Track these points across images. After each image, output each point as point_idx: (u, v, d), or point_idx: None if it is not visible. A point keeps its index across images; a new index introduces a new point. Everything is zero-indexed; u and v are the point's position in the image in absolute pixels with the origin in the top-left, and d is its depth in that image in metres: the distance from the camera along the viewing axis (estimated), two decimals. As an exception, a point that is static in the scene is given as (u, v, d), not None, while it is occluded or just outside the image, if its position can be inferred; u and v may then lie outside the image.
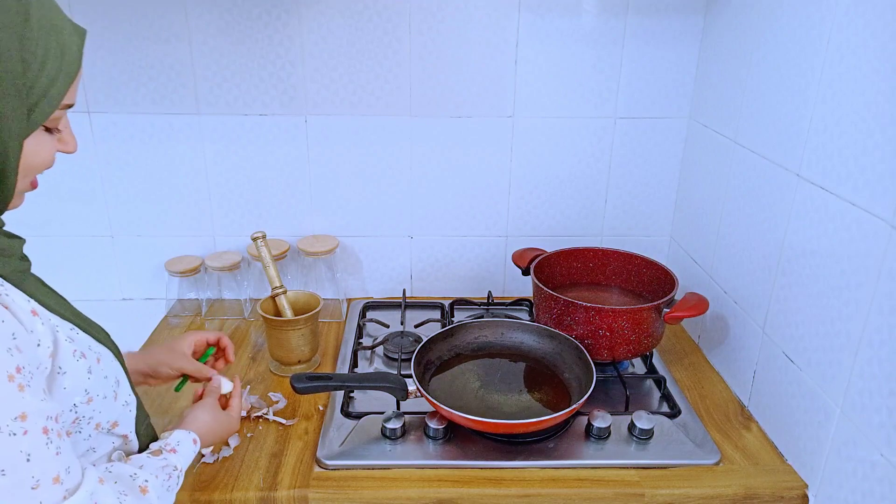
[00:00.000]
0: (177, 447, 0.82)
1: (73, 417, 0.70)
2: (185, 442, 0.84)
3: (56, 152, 0.70)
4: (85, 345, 0.72)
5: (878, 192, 0.85)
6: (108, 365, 0.75)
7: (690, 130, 1.43)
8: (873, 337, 0.86)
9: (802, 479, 1.02)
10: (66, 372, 0.68)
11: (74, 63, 0.66)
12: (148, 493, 0.72)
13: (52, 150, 0.69)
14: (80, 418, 0.71)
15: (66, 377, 0.68)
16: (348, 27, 1.33)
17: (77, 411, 0.70)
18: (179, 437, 0.84)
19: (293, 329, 1.22)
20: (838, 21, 0.93)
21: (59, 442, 0.63)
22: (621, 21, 1.35)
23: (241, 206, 1.47)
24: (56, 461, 0.62)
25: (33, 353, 0.63)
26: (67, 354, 0.68)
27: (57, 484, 0.62)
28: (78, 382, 0.69)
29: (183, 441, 0.84)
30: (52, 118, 0.66)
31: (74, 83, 0.67)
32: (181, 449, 0.82)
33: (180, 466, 0.80)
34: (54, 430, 0.63)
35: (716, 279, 1.31)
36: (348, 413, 1.14)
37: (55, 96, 0.64)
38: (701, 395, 1.23)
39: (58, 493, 0.62)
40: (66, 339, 0.68)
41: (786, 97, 1.06)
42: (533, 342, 1.27)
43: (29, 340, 0.63)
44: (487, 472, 1.02)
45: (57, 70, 0.64)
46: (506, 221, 1.52)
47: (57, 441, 0.63)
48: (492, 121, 1.42)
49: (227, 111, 1.39)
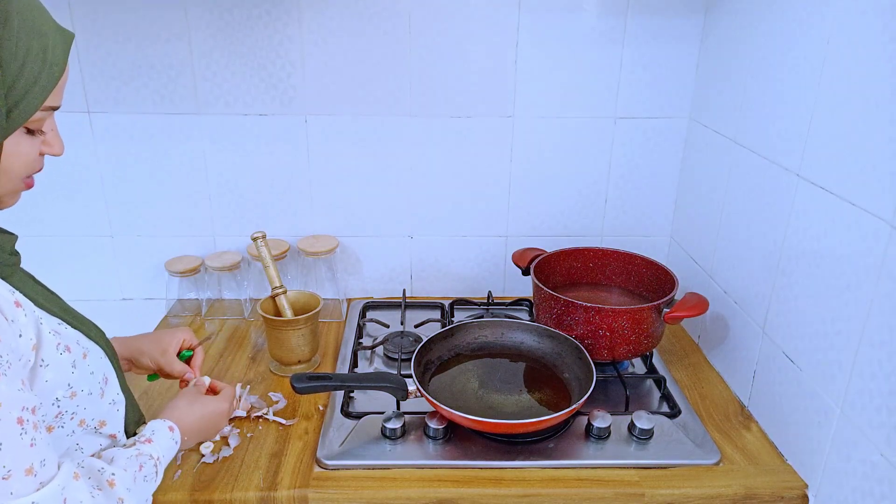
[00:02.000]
0: (151, 436, 0.81)
1: (55, 412, 0.70)
2: (160, 430, 0.83)
3: (41, 154, 0.71)
4: (72, 339, 0.72)
5: (878, 192, 0.85)
6: (95, 361, 0.75)
7: (690, 130, 1.43)
8: (873, 337, 0.86)
9: (802, 479, 1.02)
10: (48, 364, 0.68)
11: (58, 66, 0.66)
12: (115, 487, 0.71)
13: (33, 152, 0.69)
14: (63, 413, 0.71)
15: (49, 370, 0.68)
16: (348, 27, 1.33)
17: (60, 405, 0.70)
18: (154, 426, 0.83)
19: (293, 329, 1.22)
20: (838, 21, 0.93)
21: (35, 434, 0.62)
22: (621, 21, 1.35)
23: (241, 206, 1.47)
24: (30, 452, 0.61)
25: (13, 343, 0.63)
26: (51, 347, 0.68)
27: (30, 476, 0.61)
28: (61, 376, 0.69)
29: (158, 430, 0.83)
30: (34, 120, 0.66)
31: (59, 86, 0.67)
32: (156, 438, 0.81)
33: (157, 455, 0.79)
34: (30, 422, 0.62)
35: (716, 279, 1.30)
36: (348, 413, 1.14)
37: (35, 98, 0.65)
38: (701, 395, 1.23)
39: (30, 484, 0.61)
40: (50, 332, 0.68)
41: (786, 97, 1.06)
42: (533, 342, 1.27)
43: (9, 330, 0.63)
44: (487, 472, 1.02)
45: (38, 72, 0.64)
46: (506, 221, 1.52)
47: (32, 432, 0.62)
48: (492, 121, 1.42)
49: (227, 111, 1.39)
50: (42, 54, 0.64)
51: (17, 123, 0.65)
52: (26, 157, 0.68)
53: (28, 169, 0.70)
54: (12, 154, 0.66)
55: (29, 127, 0.67)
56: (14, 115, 0.64)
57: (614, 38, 1.37)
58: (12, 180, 0.69)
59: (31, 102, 0.64)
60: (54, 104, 0.68)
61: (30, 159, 0.69)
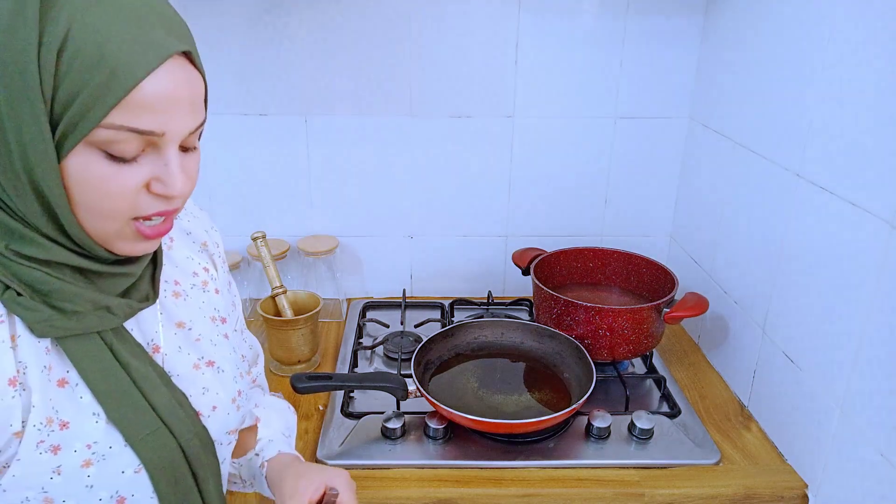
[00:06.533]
0: None
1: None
2: None
3: (152, 193, 0.58)
4: (75, 440, 0.59)
5: (878, 192, 0.85)
6: (108, 475, 0.61)
7: (690, 130, 1.43)
8: (873, 337, 0.86)
9: (802, 479, 1.02)
10: (20, 459, 0.57)
11: (125, 75, 0.53)
12: None
13: (126, 184, 0.56)
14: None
15: (19, 465, 0.57)
16: (348, 27, 1.33)
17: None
18: None
19: (293, 329, 1.23)
20: (838, 21, 0.93)
21: None
22: (621, 21, 1.35)
23: (241, 206, 1.47)
24: None
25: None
26: (30, 443, 0.57)
27: None
28: (33, 478, 0.58)
29: None
30: (106, 141, 0.53)
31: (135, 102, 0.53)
32: None
33: None
34: None
35: (716, 279, 1.31)
36: (348, 413, 1.14)
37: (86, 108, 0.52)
38: (701, 395, 1.23)
39: None
40: (35, 426, 0.57)
41: (786, 97, 1.06)
42: (533, 342, 1.27)
43: None
44: (487, 472, 1.02)
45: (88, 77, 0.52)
46: (506, 221, 1.52)
47: None
48: (492, 121, 1.42)
49: (227, 111, 1.39)
50: (98, 55, 0.51)
51: (66, 135, 0.52)
52: (111, 188, 0.55)
53: (124, 206, 0.56)
54: (83, 181, 0.54)
55: (107, 149, 0.54)
56: (64, 124, 0.52)
57: (614, 38, 1.37)
58: (106, 216, 0.57)
59: (79, 113, 0.52)
60: (133, 125, 0.53)
61: (120, 192, 0.56)
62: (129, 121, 0.53)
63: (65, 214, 0.55)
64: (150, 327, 0.68)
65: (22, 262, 0.56)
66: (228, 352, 0.76)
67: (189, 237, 0.79)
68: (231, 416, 0.73)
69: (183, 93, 0.57)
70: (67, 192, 0.55)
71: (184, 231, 0.79)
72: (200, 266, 0.78)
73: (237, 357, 0.79)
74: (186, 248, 0.78)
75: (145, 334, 0.68)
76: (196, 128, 0.59)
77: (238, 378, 0.76)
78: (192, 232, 0.80)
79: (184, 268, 0.76)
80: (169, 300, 0.72)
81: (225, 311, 0.80)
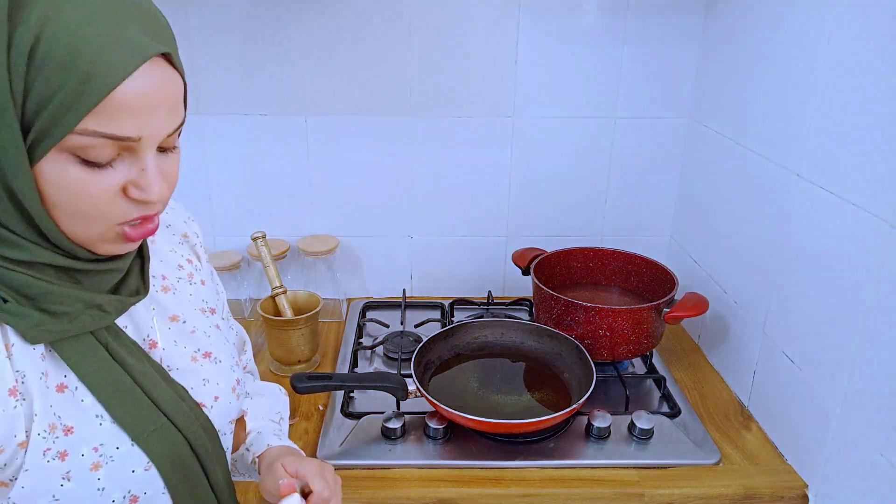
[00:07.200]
0: None
1: None
2: None
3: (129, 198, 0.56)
4: (82, 444, 0.59)
5: (878, 192, 0.85)
6: (117, 476, 0.60)
7: (690, 130, 1.43)
8: (873, 337, 0.86)
9: (802, 479, 1.02)
10: (28, 469, 0.56)
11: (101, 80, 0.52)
12: None
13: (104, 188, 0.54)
14: None
15: (28, 475, 0.56)
16: (348, 27, 1.33)
17: None
18: None
19: (293, 329, 1.23)
20: (838, 21, 0.93)
21: None
22: (621, 21, 1.35)
23: (241, 206, 1.47)
24: None
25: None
26: (37, 451, 0.56)
27: None
28: (42, 485, 0.57)
29: None
30: (82, 146, 0.52)
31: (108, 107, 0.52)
32: None
33: None
34: None
35: (716, 279, 1.30)
36: (348, 413, 1.14)
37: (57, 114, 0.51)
38: (701, 395, 1.22)
39: None
40: (40, 434, 0.56)
41: (786, 97, 1.06)
42: (533, 342, 1.27)
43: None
44: (487, 472, 1.02)
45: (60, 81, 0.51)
46: (506, 221, 1.52)
47: None
48: (492, 121, 1.42)
49: (227, 111, 1.39)
50: (72, 57, 0.49)
51: (39, 140, 0.51)
52: (87, 193, 0.54)
53: (102, 211, 0.55)
54: (58, 185, 0.53)
55: (81, 155, 0.52)
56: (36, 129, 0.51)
57: (614, 37, 1.36)
58: (87, 220, 0.55)
59: (51, 118, 0.50)
60: (108, 131, 0.52)
61: (96, 197, 0.54)
62: (103, 126, 0.51)
63: (40, 218, 0.54)
64: (144, 323, 0.68)
65: (6, 265, 0.55)
66: (222, 342, 0.77)
67: (169, 230, 0.79)
68: (233, 405, 0.74)
69: (161, 96, 0.54)
70: (44, 195, 0.53)
71: (164, 224, 0.78)
72: (184, 258, 0.78)
73: (230, 346, 0.79)
74: (168, 241, 0.78)
75: (140, 331, 0.67)
76: (174, 129, 0.58)
77: (234, 367, 0.76)
78: (171, 224, 0.79)
79: (168, 261, 0.76)
80: (160, 295, 0.71)
81: (212, 301, 0.80)
